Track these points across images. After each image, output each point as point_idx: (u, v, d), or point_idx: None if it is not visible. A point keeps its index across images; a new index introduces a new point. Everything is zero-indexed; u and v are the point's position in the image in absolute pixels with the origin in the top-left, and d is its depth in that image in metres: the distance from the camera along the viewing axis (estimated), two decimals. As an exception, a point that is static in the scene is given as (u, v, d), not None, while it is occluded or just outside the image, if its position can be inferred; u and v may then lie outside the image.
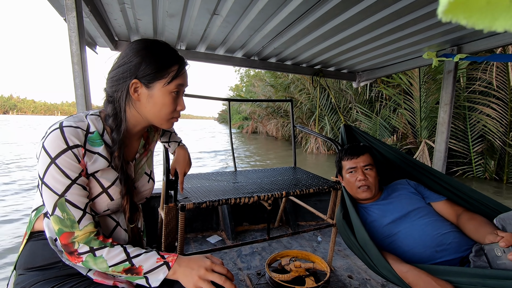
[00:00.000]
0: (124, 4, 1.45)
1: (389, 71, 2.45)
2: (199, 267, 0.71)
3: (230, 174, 1.89)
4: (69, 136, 0.67)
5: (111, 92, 0.76)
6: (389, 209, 1.31)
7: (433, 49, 1.92)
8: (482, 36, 1.70)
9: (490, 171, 6.00)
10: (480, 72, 5.77)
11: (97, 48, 2.04)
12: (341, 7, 1.38)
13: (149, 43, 0.75)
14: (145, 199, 0.93)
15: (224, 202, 1.32)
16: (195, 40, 1.92)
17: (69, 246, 0.68)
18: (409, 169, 1.57)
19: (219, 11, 1.49)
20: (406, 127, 7.12)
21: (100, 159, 0.73)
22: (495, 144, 5.70)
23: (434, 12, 1.38)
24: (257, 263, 1.88)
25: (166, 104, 0.77)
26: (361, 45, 1.91)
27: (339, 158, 1.50)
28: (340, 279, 1.71)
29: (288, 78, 11.92)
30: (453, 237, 1.13)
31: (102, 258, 0.68)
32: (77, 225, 0.68)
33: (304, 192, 1.52)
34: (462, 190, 1.32)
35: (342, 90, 9.41)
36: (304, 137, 11.72)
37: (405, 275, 0.99)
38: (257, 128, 20.92)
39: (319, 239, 2.30)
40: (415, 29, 1.59)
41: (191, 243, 2.17)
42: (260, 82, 17.51)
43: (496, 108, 5.56)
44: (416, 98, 6.56)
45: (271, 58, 2.31)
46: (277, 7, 1.42)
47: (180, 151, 1.17)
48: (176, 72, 0.76)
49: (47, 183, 0.66)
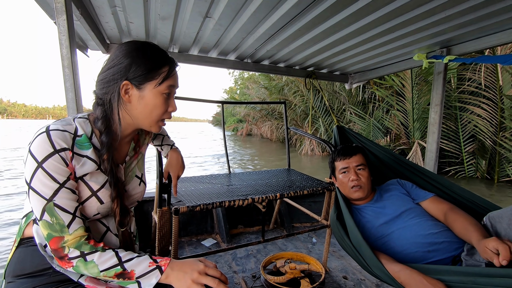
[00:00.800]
0: (116, 7, 1.45)
1: (381, 72, 2.49)
2: (192, 271, 0.70)
3: (224, 177, 1.89)
4: (56, 139, 0.66)
5: (101, 94, 0.75)
6: (382, 211, 1.32)
7: (423, 51, 1.95)
8: (470, 38, 1.74)
9: (482, 170, 6.10)
10: (470, 72, 5.88)
11: (88, 51, 2.02)
12: (331, 10, 1.40)
13: (139, 45, 0.75)
14: (137, 203, 0.92)
15: (218, 205, 1.32)
16: (187, 42, 1.93)
17: (59, 251, 0.67)
18: (401, 169, 1.58)
19: (212, 14, 1.50)
20: (399, 128, 7.20)
21: (89, 162, 0.72)
22: (486, 144, 5.79)
23: (423, 14, 1.41)
24: (252, 266, 1.87)
25: (158, 105, 0.76)
26: (353, 47, 1.93)
27: (332, 159, 1.51)
28: (335, 280, 1.71)
29: (282, 80, 11.98)
30: (445, 236, 1.14)
31: (93, 263, 0.67)
32: (67, 229, 0.67)
33: (298, 193, 1.52)
34: (452, 189, 1.34)
35: (335, 92, 9.49)
36: (298, 139, 11.76)
37: (398, 274, 1.00)
38: (251, 130, 20.93)
39: (314, 240, 2.30)
40: (405, 32, 1.62)
41: (185, 246, 2.15)
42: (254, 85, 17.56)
43: (486, 108, 5.66)
44: (408, 99, 6.65)
45: (264, 60, 2.33)
46: (268, 10, 1.43)
47: (173, 154, 1.17)
48: (167, 73, 0.76)
49: (35, 187, 0.65)
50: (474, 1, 1.28)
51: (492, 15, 1.41)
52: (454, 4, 1.31)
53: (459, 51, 1.83)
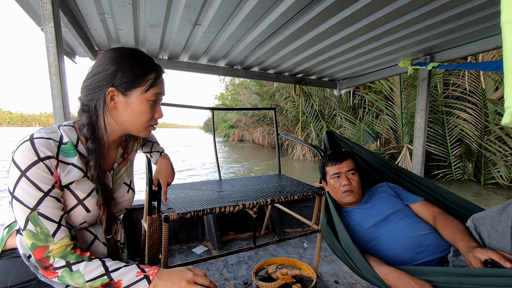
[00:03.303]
0: (104, 14, 1.45)
1: (368, 79, 2.54)
2: (181, 280, 0.70)
3: (215, 183, 1.88)
4: (40, 147, 0.66)
5: (86, 101, 0.75)
6: (370, 213, 1.34)
7: (407, 58, 2.01)
8: (452, 46, 1.80)
9: (469, 173, 6.25)
10: (454, 77, 6.06)
11: (76, 58, 2.00)
12: (319, 19, 1.43)
13: (125, 51, 0.75)
14: (125, 210, 0.91)
15: (209, 212, 1.31)
16: (177, 49, 1.93)
17: (43, 261, 0.65)
18: (389, 173, 1.61)
19: (201, 21, 1.51)
20: (388, 133, 7.34)
21: (75, 169, 0.71)
22: (472, 147, 5.95)
23: (407, 23, 1.46)
24: (243, 272, 1.86)
25: (144, 112, 0.77)
26: (340, 55, 1.97)
27: (323, 164, 1.53)
28: (327, 284, 1.72)
29: (274, 86, 12.07)
30: (432, 238, 1.17)
31: (79, 273, 0.66)
32: (52, 238, 0.65)
33: (289, 198, 1.53)
34: (438, 192, 1.37)
35: (326, 98, 9.61)
36: (290, 144, 11.83)
37: (386, 277, 1.02)
38: (243, 136, 20.92)
39: (305, 245, 2.30)
40: (390, 39, 1.67)
41: (176, 254, 2.12)
42: (245, 91, 17.62)
43: (471, 112, 5.84)
44: (397, 103, 6.80)
45: (254, 67, 2.35)
46: (257, 18, 1.45)
47: (162, 161, 1.16)
48: (153, 80, 0.76)
49: (18, 197, 0.64)
50: (455, 11, 1.34)
51: (472, 24, 1.47)
52: (435, 13, 1.36)
53: (441, 58, 1.89)
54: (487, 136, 5.75)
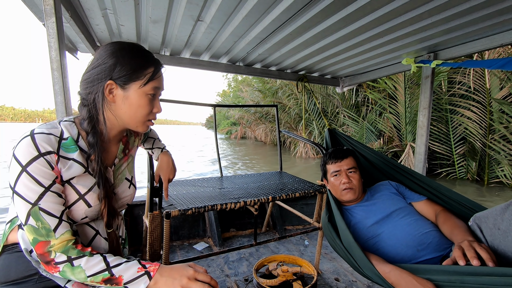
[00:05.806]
0: (106, 9, 1.44)
1: (371, 76, 2.52)
2: (181, 276, 0.70)
3: (216, 180, 1.88)
4: (41, 142, 0.66)
5: (85, 95, 0.75)
6: (372, 210, 1.34)
7: (411, 56, 1.99)
8: (456, 44, 1.78)
9: (472, 172, 6.21)
10: (460, 75, 6.01)
11: (78, 53, 2.01)
12: (321, 16, 1.42)
13: (125, 45, 0.75)
14: (127, 206, 0.92)
15: (210, 208, 1.31)
16: (179, 46, 1.93)
17: (45, 255, 0.66)
18: (391, 171, 1.60)
19: (203, 17, 1.51)
20: (392, 131, 7.30)
21: (76, 165, 0.71)
22: (476, 146, 5.90)
23: (411, 20, 1.44)
24: (244, 269, 1.86)
25: (142, 106, 0.76)
26: (343, 52, 1.96)
27: (324, 162, 1.53)
28: (327, 282, 1.72)
29: (276, 83, 12.02)
30: (433, 236, 1.16)
31: (80, 268, 0.66)
32: (53, 233, 0.66)
33: (290, 196, 1.53)
34: (440, 190, 1.36)
35: (329, 95, 9.57)
36: (293, 142, 11.80)
37: (388, 275, 1.01)
38: (245, 134, 20.89)
39: (306, 242, 2.31)
40: (393, 37, 1.65)
41: (177, 251, 2.13)
42: (248, 88, 17.57)
43: (476, 111, 5.78)
44: (401, 102, 6.75)
45: (256, 64, 2.34)
46: (260, 14, 1.44)
47: (163, 157, 1.16)
48: (152, 74, 0.76)
49: (19, 192, 0.64)
50: (459, 8, 1.32)
51: (476, 21, 1.45)
52: (440, 10, 1.34)
53: (445, 56, 1.87)
54: (491, 135, 5.70)
